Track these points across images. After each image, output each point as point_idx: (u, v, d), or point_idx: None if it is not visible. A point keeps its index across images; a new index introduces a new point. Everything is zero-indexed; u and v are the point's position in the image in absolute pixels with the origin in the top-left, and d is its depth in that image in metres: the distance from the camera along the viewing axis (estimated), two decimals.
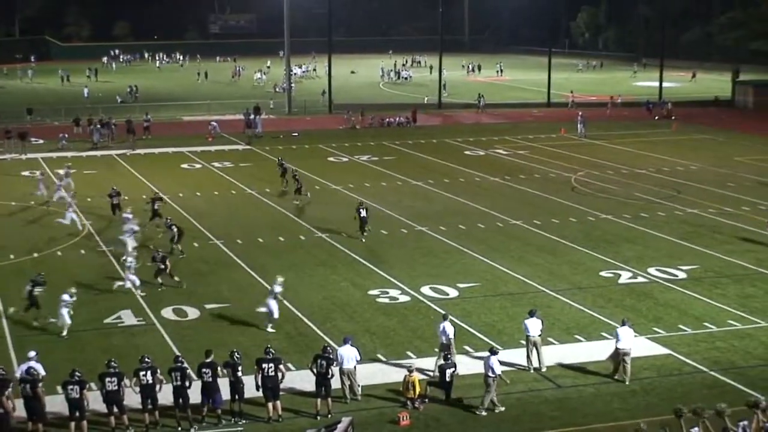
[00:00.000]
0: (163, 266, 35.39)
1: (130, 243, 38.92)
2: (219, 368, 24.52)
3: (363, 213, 42.66)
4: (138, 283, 34.97)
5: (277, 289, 31.83)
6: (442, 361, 26.13)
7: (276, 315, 31.25)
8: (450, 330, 27.47)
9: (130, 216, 41.28)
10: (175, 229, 39.94)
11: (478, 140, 71.60)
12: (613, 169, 59.62)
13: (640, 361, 27.76)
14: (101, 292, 34.83)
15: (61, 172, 53.21)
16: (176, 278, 35.61)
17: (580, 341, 30.05)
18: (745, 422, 20.70)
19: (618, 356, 26.82)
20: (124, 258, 36.60)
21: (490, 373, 25.08)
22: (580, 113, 76.58)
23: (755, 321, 31.91)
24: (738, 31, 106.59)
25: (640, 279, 36.50)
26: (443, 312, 28.86)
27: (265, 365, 24.52)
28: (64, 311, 30.65)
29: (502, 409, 25.05)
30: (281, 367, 24.71)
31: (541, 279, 36.40)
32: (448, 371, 25.64)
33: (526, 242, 41.84)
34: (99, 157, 64.43)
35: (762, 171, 58.84)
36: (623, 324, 27.27)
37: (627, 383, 26.48)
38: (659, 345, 29.67)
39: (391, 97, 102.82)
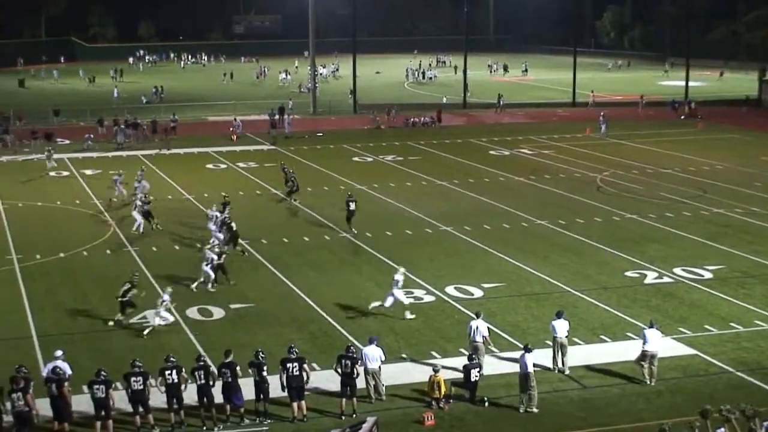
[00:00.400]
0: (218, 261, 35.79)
1: (219, 237, 39.80)
2: (238, 368, 24.55)
3: (352, 206, 42.86)
4: (212, 277, 35.29)
5: (399, 278, 32.49)
6: (467, 361, 26.13)
7: (406, 301, 32.34)
8: (484, 328, 27.46)
9: (217, 213, 41.42)
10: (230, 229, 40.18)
11: (502, 140, 71.49)
12: (638, 168, 59.40)
13: (665, 361, 27.64)
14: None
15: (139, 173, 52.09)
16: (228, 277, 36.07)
17: (606, 341, 29.97)
18: None
19: (645, 358, 26.69)
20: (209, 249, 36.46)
21: (529, 370, 25.09)
22: (602, 113, 76.35)
23: None
24: (765, 29, 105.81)
25: (665, 279, 36.37)
26: (476, 311, 28.76)
27: (289, 365, 24.58)
28: (163, 311, 31.10)
29: (536, 410, 25.07)
30: (305, 366, 24.76)
31: (566, 279, 36.32)
32: (473, 371, 25.65)
33: (551, 242, 41.76)
34: (125, 157, 64.74)
35: None
36: (651, 326, 27.14)
37: (652, 384, 26.38)
38: (685, 345, 29.56)
39: (416, 97, 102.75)
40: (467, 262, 38.93)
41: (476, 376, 25.65)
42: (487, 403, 25.33)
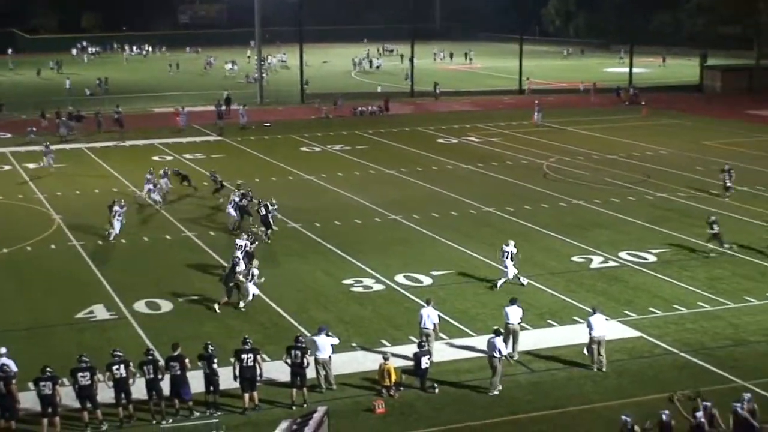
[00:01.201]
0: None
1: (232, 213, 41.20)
2: (187, 361, 24.44)
3: (263, 211, 40.61)
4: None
5: (510, 249, 33.95)
6: (417, 349, 26.20)
7: (511, 273, 33.69)
8: (434, 316, 27.57)
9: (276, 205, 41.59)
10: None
11: (450, 128, 71.68)
12: (584, 155, 59.87)
13: (611, 344, 27.91)
14: (72, 287, 34.72)
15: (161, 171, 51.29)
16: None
17: (553, 326, 30.22)
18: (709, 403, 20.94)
19: (592, 344, 26.90)
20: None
21: (496, 354, 25.27)
22: (536, 101, 77.18)
23: (724, 302, 32.20)
24: (705, 16, 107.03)
25: (611, 263, 36.74)
26: (426, 298, 28.83)
27: (244, 356, 24.52)
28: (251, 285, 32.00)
29: (498, 392, 25.30)
30: (259, 359, 24.73)
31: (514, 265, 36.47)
32: (424, 359, 25.73)
33: (499, 229, 41.97)
34: (68, 150, 64.05)
35: (730, 155, 59.23)
36: (594, 312, 27.28)
37: (604, 371, 26.61)
38: (630, 328, 29.90)
39: (363, 86, 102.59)
40: (416, 250, 39.03)
41: (426, 363, 25.74)
42: (437, 390, 25.45)
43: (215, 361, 24.60)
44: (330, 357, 25.79)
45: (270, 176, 54.33)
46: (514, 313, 27.79)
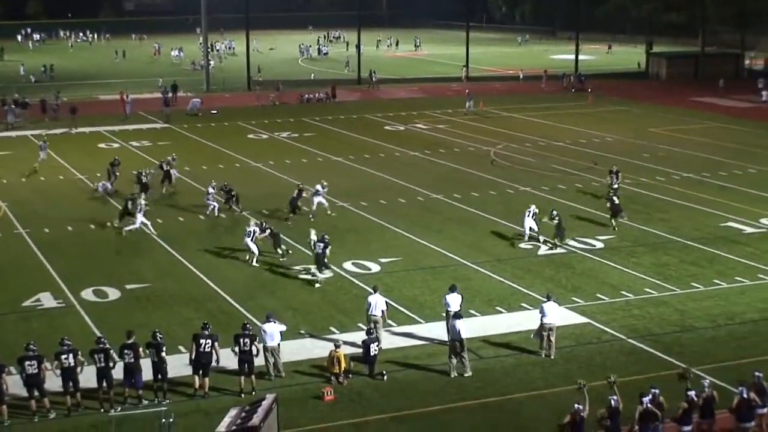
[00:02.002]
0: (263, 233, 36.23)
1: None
2: (141, 349, 24.33)
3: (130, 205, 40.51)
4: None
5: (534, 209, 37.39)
6: (365, 336, 26.23)
7: (536, 229, 36.58)
8: (382, 303, 27.62)
9: (322, 189, 42.00)
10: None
11: (397, 115, 71.74)
12: (531, 141, 60.20)
13: (559, 330, 28.06)
14: (18, 275, 34.34)
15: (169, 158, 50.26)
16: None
17: (501, 312, 30.41)
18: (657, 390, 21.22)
19: (543, 331, 27.10)
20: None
21: (463, 336, 25.46)
22: (467, 90, 77.40)
23: (670, 288, 32.59)
24: (651, 3, 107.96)
25: (558, 250, 36.97)
26: (373, 285, 28.87)
27: (202, 341, 24.49)
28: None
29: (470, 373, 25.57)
30: (216, 345, 24.66)
31: (461, 252, 36.69)
32: (372, 346, 25.78)
33: (447, 216, 42.13)
34: (14, 138, 63.21)
35: (675, 141, 59.90)
36: (548, 299, 27.43)
37: (553, 358, 26.82)
38: (578, 314, 30.17)
39: (309, 73, 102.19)
40: (364, 237, 39.06)
41: (375, 350, 25.80)
42: (385, 377, 25.51)
43: (164, 349, 24.48)
44: (279, 344, 25.75)
45: (217, 163, 54.02)
46: (454, 300, 27.94)
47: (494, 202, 44.55)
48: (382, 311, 27.52)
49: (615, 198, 40.24)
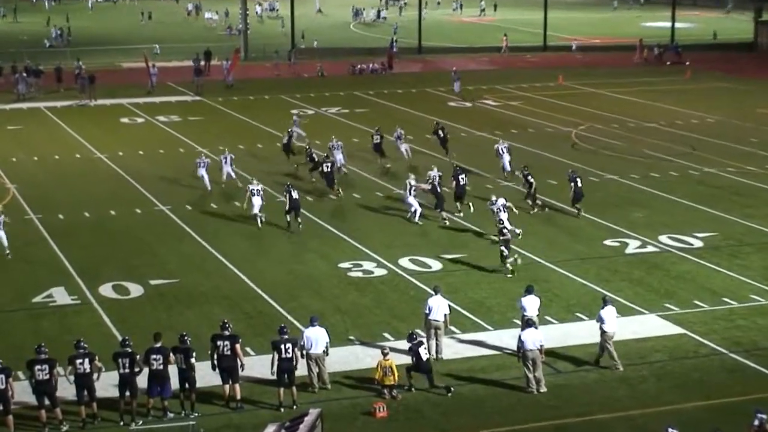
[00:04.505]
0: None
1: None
2: (172, 356, 24.33)
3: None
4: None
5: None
6: (408, 342, 25.85)
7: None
8: (444, 306, 27.50)
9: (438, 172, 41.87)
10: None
11: (464, 89, 71.45)
12: (618, 122, 59.74)
13: (649, 342, 27.91)
14: (28, 266, 34.66)
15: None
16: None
17: (583, 320, 30.10)
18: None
19: (606, 342, 26.83)
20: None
21: (530, 347, 25.32)
22: (454, 68, 74.34)
23: None
24: None
25: (649, 248, 36.64)
26: (434, 286, 28.73)
27: (220, 342, 24.50)
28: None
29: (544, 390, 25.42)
30: (238, 348, 24.63)
31: (537, 249, 36.43)
32: (421, 350, 25.47)
33: (519, 207, 41.77)
34: (25, 110, 63.92)
35: None
36: (606, 303, 27.20)
37: (621, 369, 26.55)
38: (672, 323, 29.80)
39: (363, 41, 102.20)
40: (424, 230, 38.92)
41: (426, 354, 25.52)
42: (451, 393, 25.35)
43: (193, 354, 24.47)
44: (324, 352, 25.70)
45: (256, 142, 54.17)
46: (531, 304, 27.74)
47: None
48: (445, 315, 27.39)
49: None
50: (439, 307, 27.41)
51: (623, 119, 60.61)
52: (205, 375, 24.70)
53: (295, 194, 38.77)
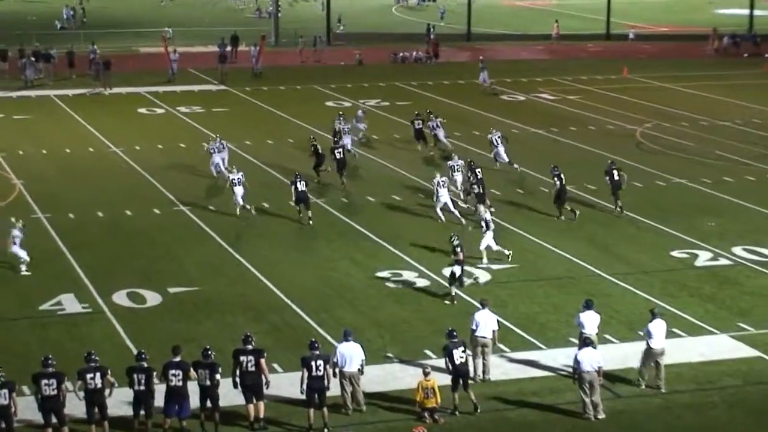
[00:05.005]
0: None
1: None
2: (192, 371, 24.39)
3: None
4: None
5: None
6: (446, 341, 25.85)
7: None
8: (493, 321, 27.50)
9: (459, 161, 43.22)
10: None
11: (516, 81, 71.49)
12: (688, 120, 59.54)
13: (720, 365, 27.79)
14: (35, 271, 34.88)
15: None
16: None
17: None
18: None
19: (650, 358, 26.80)
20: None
21: (587, 368, 25.23)
22: (480, 57, 74.75)
23: None
24: None
25: (722, 261, 36.50)
26: (481, 299, 28.70)
27: (243, 358, 24.54)
28: None
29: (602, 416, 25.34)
30: (263, 362, 24.68)
31: (596, 260, 36.38)
32: (457, 352, 25.18)
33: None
34: (33, 98, 64.37)
35: None
36: (654, 317, 27.12)
37: (664, 391, 26.54)
38: (746, 345, 29.65)
39: (406, 25, 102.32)
40: (470, 236, 38.76)
41: (462, 357, 25.38)
42: (478, 410, 25.29)
43: (219, 370, 24.47)
44: (359, 370, 25.74)
45: (286, 137, 54.31)
46: (591, 321, 27.66)
47: (639, 196, 44.00)
48: (493, 332, 27.36)
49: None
50: (486, 322, 27.38)
51: (694, 117, 60.38)
52: (228, 393, 24.76)
53: (301, 186, 39.56)
